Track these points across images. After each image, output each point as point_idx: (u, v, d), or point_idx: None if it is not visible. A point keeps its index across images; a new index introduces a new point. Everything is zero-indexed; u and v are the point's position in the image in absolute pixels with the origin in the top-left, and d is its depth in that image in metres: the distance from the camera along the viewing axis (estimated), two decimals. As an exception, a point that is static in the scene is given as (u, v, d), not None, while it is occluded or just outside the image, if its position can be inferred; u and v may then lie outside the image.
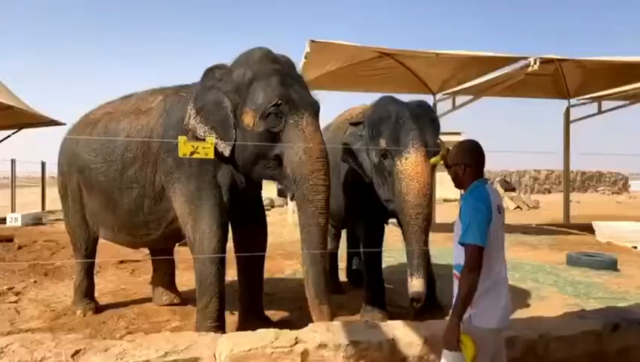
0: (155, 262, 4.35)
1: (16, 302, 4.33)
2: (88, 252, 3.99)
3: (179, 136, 2.74)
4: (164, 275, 4.33)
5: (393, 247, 4.93)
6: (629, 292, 4.77)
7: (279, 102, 2.78)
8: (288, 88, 2.85)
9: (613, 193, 26.85)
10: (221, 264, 3.12)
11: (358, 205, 3.99)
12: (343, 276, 5.21)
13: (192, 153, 2.67)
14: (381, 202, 3.63)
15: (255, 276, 3.51)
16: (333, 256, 4.94)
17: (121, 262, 5.89)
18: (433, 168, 3.51)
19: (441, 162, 2.25)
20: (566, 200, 11.09)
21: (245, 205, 3.32)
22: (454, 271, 2.11)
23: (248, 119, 2.87)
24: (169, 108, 3.33)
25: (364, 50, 8.20)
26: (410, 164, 3.30)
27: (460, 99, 9.96)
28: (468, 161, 2.08)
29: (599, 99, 10.33)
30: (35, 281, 5.07)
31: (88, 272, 4.04)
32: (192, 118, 3.01)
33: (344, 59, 8.44)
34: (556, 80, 9.99)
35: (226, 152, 2.95)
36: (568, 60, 8.56)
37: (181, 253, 5.75)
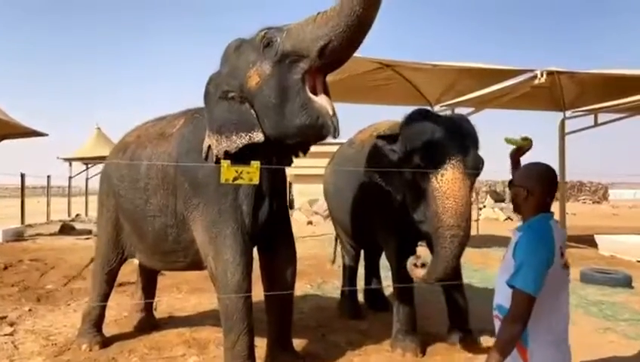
0: (142, 282, 4.19)
1: (12, 334, 3.96)
2: (109, 276, 3.70)
3: (222, 161, 2.49)
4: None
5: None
6: (655, 313, 4.66)
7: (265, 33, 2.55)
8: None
9: (594, 202, 27.30)
10: (247, 296, 2.87)
11: (388, 226, 3.76)
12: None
13: (235, 178, 2.42)
14: (413, 223, 3.40)
15: (285, 308, 3.24)
16: (353, 279, 4.70)
17: (120, 284, 5.53)
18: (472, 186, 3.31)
19: (514, 145, 2.09)
20: (562, 212, 11.07)
21: (270, 221, 3.02)
22: (495, 312, 1.88)
23: (253, 79, 2.58)
24: (185, 132, 3.12)
25: (364, 62, 8.03)
26: (447, 181, 3.07)
27: (459, 111, 9.85)
28: (533, 188, 1.82)
29: (595, 111, 10.36)
30: (29, 309, 4.69)
31: (104, 300, 3.73)
32: (216, 147, 2.71)
33: (344, 70, 8.21)
34: (552, 92, 9.99)
35: (260, 136, 2.60)
36: (566, 73, 8.55)
37: (184, 274, 5.48)
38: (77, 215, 18.07)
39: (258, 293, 3.50)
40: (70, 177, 19.40)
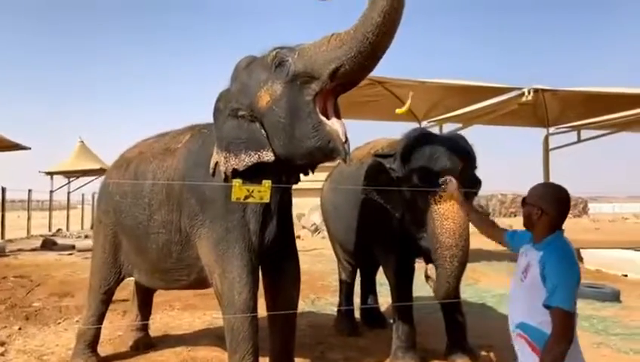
0: (138, 301, 4.13)
1: (3, 354, 3.85)
2: (107, 296, 3.63)
3: (233, 180, 2.48)
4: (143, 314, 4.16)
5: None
6: (645, 327, 4.75)
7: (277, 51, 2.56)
8: None
9: (574, 216, 27.77)
10: (254, 315, 2.84)
11: (386, 243, 3.79)
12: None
13: (246, 197, 2.42)
14: (411, 240, 3.43)
15: (289, 327, 3.21)
16: (350, 295, 4.69)
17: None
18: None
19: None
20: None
21: (277, 240, 2.99)
22: (518, 331, 1.91)
23: (264, 98, 2.57)
24: (193, 148, 3.09)
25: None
26: (445, 200, 3.13)
27: (447, 127, 10.04)
28: (548, 209, 1.88)
29: (578, 128, 10.63)
30: (19, 328, 4.57)
31: (99, 319, 3.65)
32: (224, 164, 2.69)
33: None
34: (537, 109, 10.23)
35: (270, 156, 2.58)
36: (549, 90, 8.79)
37: (176, 291, 5.40)
38: (58, 230, 17.73)
39: (260, 311, 3.48)
40: (51, 191, 19.04)
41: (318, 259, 9.09)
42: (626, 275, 7.81)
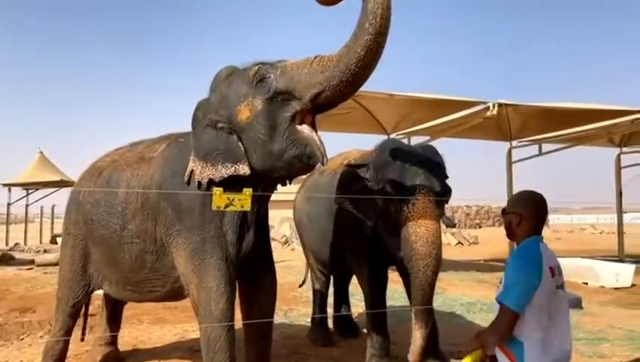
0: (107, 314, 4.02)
1: (-38, 372, 3.68)
2: (75, 309, 3.50)
3: (214, 188, 2.47)
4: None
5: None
6: (606, 331, 4.96)
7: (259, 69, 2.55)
8: None
9: (535, 227, 28.68)
10: (230, 325, 2.82)
11: (360, 252, 3.83)
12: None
13: (226, 206, 2.41)
14: (384, 249, 3.49)
15: (265, 337, 3.19)
16: (323, 305, 4.70)
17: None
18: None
19: None
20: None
21: (254, 250, 2.97)
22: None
23: (243, 113, 2.57)
24: (169, 156, 3.05)
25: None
26: (419, 210, 3.20)
27: (415, 140, 10.23)
28: (526, 213, 1.94)
29: (539, 141, 11.04)
30: (-21, 345, 4.37)
31: (67, 334, 3.52)
32: (200, 173, 2.68)
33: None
34: (500, 123, 10.58)
35: (246, 169, 2.58)
36: (512, 105, 9.13)
37: (144, 305, 5.28)
38: (16, 244, 17.03)
39: (236, 322, 3.44)
40: (9, 204, 18.31)
41: (288, 271, 9.06)
42: (586, 283, 8.14)
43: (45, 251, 14.01)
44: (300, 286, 5.45)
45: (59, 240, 16.10)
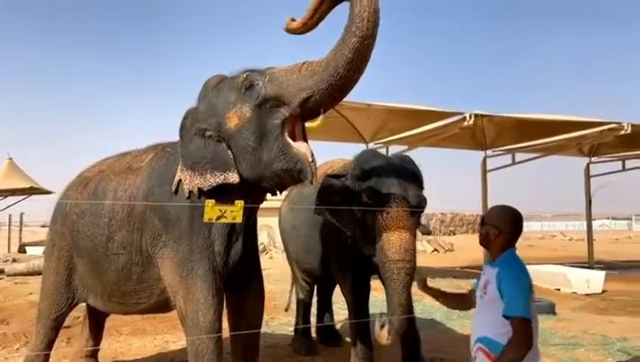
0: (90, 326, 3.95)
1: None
2: (57, 322, 3.43)
3: (206, 200, 2.47)
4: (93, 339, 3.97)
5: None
6: (580, 337, 5.11)
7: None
8: None
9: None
10: (218, 337, 2.81)
11: (342, 261, 3.87)
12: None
13: (218, 218, 2.42)
14: (365, 257, 3.54)
15: (253, 347, 3.19)
16: (307, 314, 4.72)
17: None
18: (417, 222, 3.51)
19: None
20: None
21: (242, 261, 2.95)
22: (478, 345, 2.05)
23: (232, 120, 2.58)
24: (157, 166, 3.03)
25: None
26: (392, 218, 3.24)
27: (392, 149, 10.38)
28: (505, 228, 2.08)
29: (512, 151, 11.35)
30: (-47, 359, 4.23)
31: (48, 347, 3.44)
32: (188, 182, 2.68)
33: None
34: (475, 133, 10.83)
35: (236, 178, 2.57)
36: (486, 115, 9.38)
37: (123, 316, 5.19)
38: (-17, 253, 16.46)
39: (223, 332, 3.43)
40: (-25, 212, 17.70)
41: (268, 280, 8.87)
42: (558, 289, 8.35)
43: (14, 260, 13.58)
44: (286, 310, 5.38)
45: (27, 249, 15.74)
